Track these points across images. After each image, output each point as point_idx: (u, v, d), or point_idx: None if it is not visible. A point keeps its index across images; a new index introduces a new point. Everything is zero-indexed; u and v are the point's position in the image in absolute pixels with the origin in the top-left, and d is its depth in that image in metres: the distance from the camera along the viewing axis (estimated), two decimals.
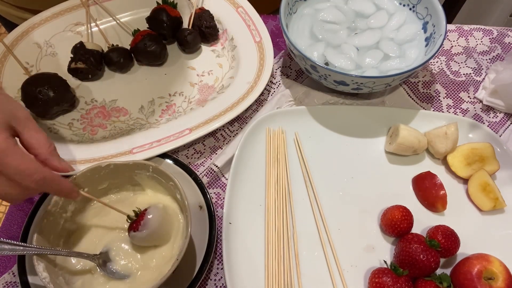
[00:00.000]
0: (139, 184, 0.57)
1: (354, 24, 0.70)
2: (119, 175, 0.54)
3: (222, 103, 0.66)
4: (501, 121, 0.69)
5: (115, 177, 0.54)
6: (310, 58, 0.60)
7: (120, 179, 0.55)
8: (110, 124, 0.67)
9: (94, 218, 0.54)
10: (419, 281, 0.52)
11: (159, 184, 0.55)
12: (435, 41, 0.63)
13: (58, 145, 0.62)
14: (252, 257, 0.56)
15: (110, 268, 0.51)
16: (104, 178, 0.54)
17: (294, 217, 0.59)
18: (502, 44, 0.77)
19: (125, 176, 0.55)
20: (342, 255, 0.57)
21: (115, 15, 0.76)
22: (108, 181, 0.55)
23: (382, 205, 0.60)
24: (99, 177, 0.53)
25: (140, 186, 0.57)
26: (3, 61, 0.68)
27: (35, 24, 0.72)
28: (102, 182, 0.54)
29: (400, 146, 0.62)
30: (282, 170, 0.62)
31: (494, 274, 0.50)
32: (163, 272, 0.46)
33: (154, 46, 0.69)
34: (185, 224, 0.51)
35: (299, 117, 0.66)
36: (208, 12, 0.74)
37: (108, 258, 0.52)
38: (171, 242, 0.53)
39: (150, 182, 0.56)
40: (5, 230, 0.59)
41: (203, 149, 0.66)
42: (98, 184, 0.54)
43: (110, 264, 0.51)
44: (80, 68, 0.68)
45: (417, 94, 0.72)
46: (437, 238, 0.53)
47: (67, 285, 0.48)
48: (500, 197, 0.58)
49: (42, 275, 0.45)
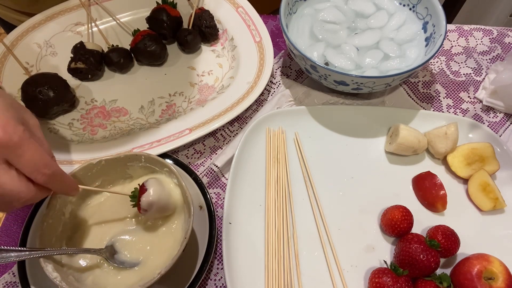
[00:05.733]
0: (132, 176, 0.56)
1: (354, 24, 0.70)
2: (111, 171, 0.54)
3: (222, 103, 0.66)
4: (501, 121, 0.69)
5: (107, 173, 0.54)
6: (310, 58, 0.60)
7: (113, 175, 0.55)
8: (110, 124, 0.67)
9: (93, 217, 0.54)
10: (419, 281, 0.52)
11: (152, 173, 0.55)
12: (435, 41, 0.63)
13: (58, 145, 0.62)
14: (252, 257, 0.56)
15: (118, 259, 0.51)
16: (97, 175, 0.54)
17: (294, 217, 0.59)
18: (502, 44, 0.77)
19: (117, 171, 0.54)
20: (342, 255, 0.57)
21: (115, 15, 0.76)
22: (101, 178, 0.54)
23: (382, 205, 0.60)
24: (92, 174, 0.53)
25: (134, 178, 0.57)
26: (3, 61, 0.68)
27: (35, 24, 0.72)
28: (95, 180, 0.54)
29: (400, 146, 0.62)
30: (282, 170, 0.62)
31: (494, 274, 0.50)
32: (172, 254, 0.46)
33: (154, 46, 0.70)
34: (186, 205, 0.51)
35: (299, 117, 0.66)
36: (208, 12, 0.75)
37: (114, 250, 0.52)
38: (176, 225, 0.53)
39: (143, 173, 0.56)
40: (5, 230, 0.59)
41: (203, 149, 0.66)
42: (91, 182, 0.54)
43: (117, 255, 0.51)
44: (80, 68, 0.68)
45: (417, 94, 0.72)
46: (437, 238, 0.53)
47: (78, 283, 0.48)
48: (500, 197, 0.58)
49: (53, 275, 0.45)
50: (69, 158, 0.60)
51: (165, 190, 0.51)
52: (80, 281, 0.49)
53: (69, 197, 0.52)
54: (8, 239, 0.58)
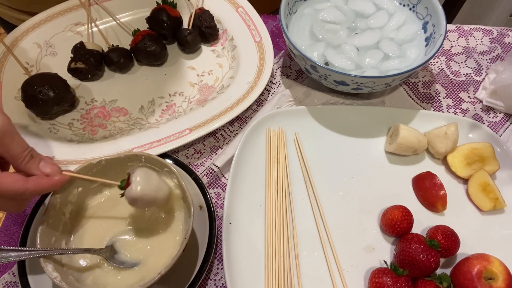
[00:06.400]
0: None
1: (354, 24, 0.70)
2: (111, 171, 0.54)
3: (222, 103, 0.66)
4: (501, 121, 0.69)
5: (107, 173, 0.54)
6: (310, 58, 0.60)
7: (113, 175, 0.54)
8: (110, 124, 0.67)
9: (93, 217, 0.54)
10: (419, 281, 0.52)
11: None
12: (435, 41, 0.63)
13: (58, 145, 0.62)
14: (252, 257, 0.56)
15: (118, 259, 0.51)
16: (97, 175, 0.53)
17: (294, 217, 0.59)
18: (502, 44, 0.77)
19: (117, 171, 0.54)
20: (342, 255, 0.57)
21: (115, 15, 0.76)
22: (101, 178, 0.54)
23: (382, 205, 0.60)
24: (92, 174, 0.52)
25: None
26: (3, 61, 0.68)
27: (35, 24, 0.72)
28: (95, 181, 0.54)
29: (400, 146, 0.62)
30: (282, 170, 0.62)
31: (494, 274, 0.50)
32: (172, 254, 0.46)
33: (154, 46, 0.70)
34: (186, 205, 0.51)
35: (299, 117, 0.66)
36: (208, 12, 0.75)
37: (114, 250, 0.52)
38: (176, 225, 0.53)
39: None
40: (5, 230, 0.59)
41: (203, 149, 0.66)
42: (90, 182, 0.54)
43: (117, 255, 0.51)
44: (80, 68, 0.68)
45: (417, 94, 0.72)
46: (437, 238, 0.53)
47: (78, 283, 0.48)
48: (500, 197, 0.58)
49: (53, 275, 0.45)
50: (69, 158, 0.60)
51: (151, 182, 0.49)
52: (80, 281, 0.49)
53: (69, 197, 0.52)
54: (8, 239, 0.58)
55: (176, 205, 0.54)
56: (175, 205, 0.54)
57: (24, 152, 0.45)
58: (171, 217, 0.54)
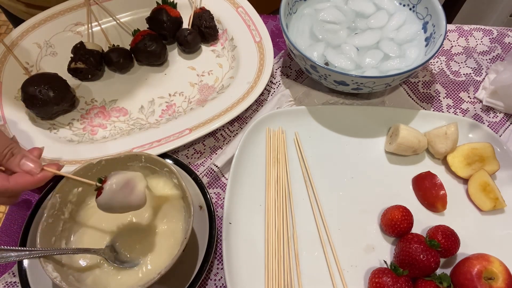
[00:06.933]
0: None
1: (354, 24, 0.70)
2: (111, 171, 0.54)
3: (222, 103, 0.66)
4: (501, 121, 0.69)
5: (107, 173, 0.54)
6: (310, 58, 0.60)
7: None
8: (110, 124, 0.67)
9: (92, 217, 0.54)
10: (419, 281, 0.52)
11: (152, 173, 0.55)
12: (435, 41, 0.63)
13: (58, 145, 0.62)
14: (252, 257, 0.56)
15: (118, 259, 0.51)
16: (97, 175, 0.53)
17: (294, 217, 0.59)
18: (502, 44, 0.77)
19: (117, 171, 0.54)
20: (342, 255, 0.57)
21: (115, 15, 0.76)
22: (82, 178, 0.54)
23: (382, 205, 0.60)
24: (92, 174, 0.53)
25: None
26: (3, 61, 0.68)
27: (35, 24, 0.72)
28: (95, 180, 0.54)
29: (400, 146, 0.62)
30: (282, 170, 0.62)
31: (494, 274, 0.50)
32: (172, 254, 0.46)
33: (154, 46, 0.70)
34: (186, 205, 0.51)
35: (299, 117, 0.66)
36: (208, 12, 0.75)
37: (114, 250, 0.52)
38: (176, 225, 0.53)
39: (144, 173, 0.55)
40: (5, 230, 0.59)
41: (203, 149, 0.66)
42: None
43: (117, 255, 0.52)
44: (80, 68, 0.68)
45: (417, 94, 0.72)
46: (437, 238, 0.53)
47: (78, 283, 0.48)
48: (500, 197, 0.58)
49: (53, 275, 0.45)
50: (69, 158, 0.60)
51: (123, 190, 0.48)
52: (80, 281, 0.49)
53: (69, 197, 0.52)
54: (8, 239, 0.58)
55: (176, 205, 0.54)
56: (175, 205, 0.55)
57: (4, 150, 0.44)
58: (171, 217, 0.54)
